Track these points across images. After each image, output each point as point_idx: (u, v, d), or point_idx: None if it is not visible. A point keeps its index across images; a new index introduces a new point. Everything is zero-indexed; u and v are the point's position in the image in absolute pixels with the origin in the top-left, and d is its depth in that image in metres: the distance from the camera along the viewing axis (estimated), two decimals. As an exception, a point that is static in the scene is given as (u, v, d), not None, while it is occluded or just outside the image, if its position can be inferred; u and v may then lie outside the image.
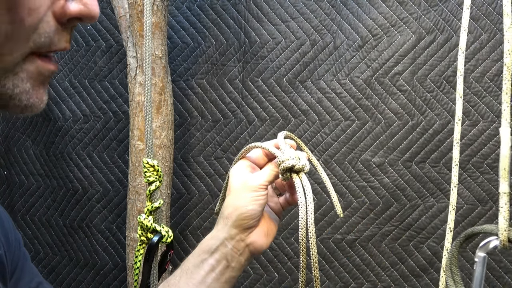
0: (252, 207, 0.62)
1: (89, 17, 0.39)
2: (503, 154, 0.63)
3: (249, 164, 0.68)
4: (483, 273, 0.67)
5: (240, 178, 0.65)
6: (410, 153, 1.23)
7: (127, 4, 1.15)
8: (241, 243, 0.63)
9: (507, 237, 0.65)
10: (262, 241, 0.65)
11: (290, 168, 0.63)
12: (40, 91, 0.39)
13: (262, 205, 0.63)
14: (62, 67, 1.41)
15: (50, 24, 0.37)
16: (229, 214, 0.63)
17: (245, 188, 0.63)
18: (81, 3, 0.38)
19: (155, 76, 1.14)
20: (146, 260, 0.65)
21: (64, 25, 0.38)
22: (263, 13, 1.29)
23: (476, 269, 0.67)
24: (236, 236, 0.63)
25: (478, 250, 0.66)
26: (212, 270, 0.63)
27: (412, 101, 1.22)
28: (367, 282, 1.27)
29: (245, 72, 1.30)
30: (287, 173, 0.64)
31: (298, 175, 0.64)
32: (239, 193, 0.64)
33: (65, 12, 0.37)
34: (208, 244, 0.64)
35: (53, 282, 1.45)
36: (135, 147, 1.16)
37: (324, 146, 1.27)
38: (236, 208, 0.63)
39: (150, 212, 0.64)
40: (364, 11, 1.24)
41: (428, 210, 1.23)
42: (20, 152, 1.47)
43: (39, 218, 1.46)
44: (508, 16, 0.62)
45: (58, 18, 0.38)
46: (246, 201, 0.63)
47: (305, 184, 0.63)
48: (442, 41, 1.21)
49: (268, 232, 0.66)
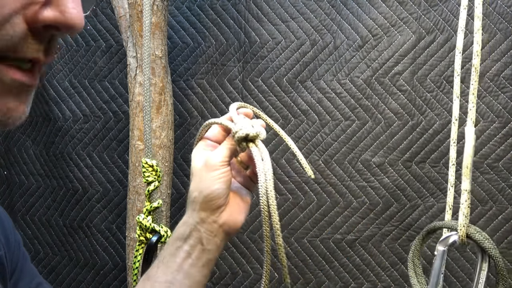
0: (216, 187, 0.60)
1: (65, 27, 0.34)
2: (467, 153, 0.64)
3: (209, 143, 0.66)
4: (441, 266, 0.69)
5: (200, 159, 0.63)
6: (410, 153, 1.23)
7: (127, 4, 1.15)
8: (214, 225, 0.62)
9: (465, 233, 0.66)
10: (235, 219, 0.63)
11: (245, 138, 0.61)
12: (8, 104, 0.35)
13: (226, 183, 0.61)
14: (62, 67, 1.41)
15: (16, 28, 0.33)
16: (195, 198, 0.62)
17: (206, 169, 0.61)
18: (57, 10, 0.34)
19: (155, 76, 1.14)
20: (145, 260, 0.66)
21: (38, 33, 0.34)
22: (263, 13, 1.29)
23: (435, 262, 0.69)
24: (208, 219, 0.62)
25: (438, 244, 0.68)
26: (188, 256, 0.62)
27: (412, 101, 1.22)
28: (367, 282, 1.26)
29: (245, 72, 1.30)
30: (242, 143, 0.62)
31: (255, 143, 0.62)
32: (201, 175, 0.62)
33: (38, 18, 0.33)
34: (181, 231, 0.63)
35: (53, 282, 1.45)
36: (135, 147, 1.16)
37: (324, 146, 1.27)
38: (201, 191, 0.61)
39: (149, 212, 0.64)
40: (364, 11, 1.23)
41: (428, 210, 1.23)
42: (20, 152, 1.47)
43: (39, 218, 1.46)
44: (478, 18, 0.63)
45: (30, 23, 0.33)
46: (209, 181, 0.61)
47: (262, 151, 0.61)
48: (442, 41, 1.20)
49: (240, 209, 0.64)
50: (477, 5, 0.63)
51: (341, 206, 1.26)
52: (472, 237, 0.66)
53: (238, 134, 0.61)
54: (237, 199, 0.65)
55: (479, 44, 0.63)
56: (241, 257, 1.33)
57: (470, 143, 0.64)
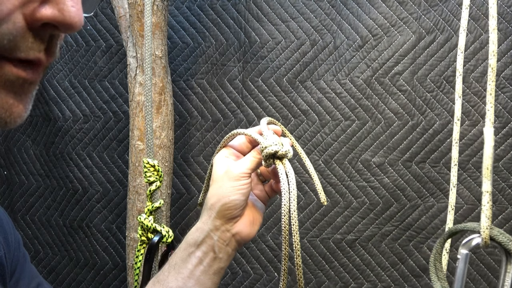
0: (235, 197, 0.61)
1: (64, 25, 0.34)
2: (487, 154, 0.64)
3: (232, 152, 0.66)
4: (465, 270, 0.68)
5: (223, 166, 0.63)
6: (410, 153, 1.23)
7: (127, 4, 1.15)
8: (227, 234, 0.62)
9: (488, 235, 0.65)
10: (248, 230, 0.64)
11: (273, 154, 0.62)
12: (7, 101, 0.34)
13: (245, 194, 0.62)
14: (62, 67, 1.41)
15: (16, 25, 0.32)
16: (212, 205, 0.62)
17: (228, 177, 0.62)
18: (56, 8, 0.33)
19: (155, 76, 1.14)
20: (147, 260, 0.66)
21: (37, 32, 0.34)
22: (263, 13, 1.29)
23: (459, 266, 0.68)
24: (222, 227, 0.62)
25: (460, 247, 0.67)
26: (200, 262, 0.62)
27: (412, 101, 1.22)
28: (367, 282, 1.27)
29: (245, 72, 1.30)
30: (270, 160, 0.62)
31: (281, 162, 0.62)
32: (222, 183, 0.62)
33: (36, 16, 0.33)
34: (194, 237, 0.63)
35: (53, 282, 1.45)
36: (135, 147, 1.16)
37: (324, 146, 1.27)
38: (219, 199, 0.61)
39: (151, 212, 0.64)
40: (364, 11, 1.24)
41: (428, 210, 1.23)
42: (20, 152, 1.47)
43: (39, 218, 1.46)
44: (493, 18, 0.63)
45: (29, 22, 0.33)
46: (229, 190, 0.61)
47: (288, 171, 0.61)
48: (442, 41, 1.21)
49: (254, 220, 0.65)
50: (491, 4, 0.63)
51: (341, 206, 1.27)
52: (496, 239, 0.65)
53: (268, 150, 0.61)
54: (252, 210, 0.65)
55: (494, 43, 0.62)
56: (241, 257, 1.33)
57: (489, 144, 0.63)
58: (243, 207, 0.63)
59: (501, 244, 0.64)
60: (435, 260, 0.73)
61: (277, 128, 0.67)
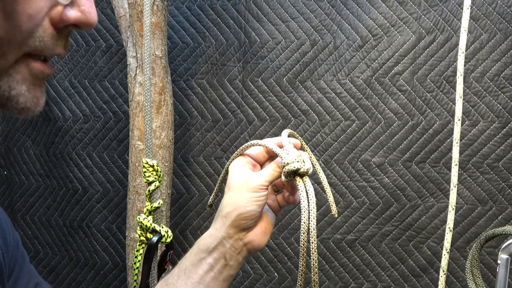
0: (251, 208, 0.61)
1: (86, 25, 0.39)
2: None
3: (249, 160, 0.67)
4: (506, 275, 0.65)
5: (241, 175, 0.64)
6: (410, 153, 1.23)
7: (127, 4, 1.15)
8: (239, 242, 0.63)
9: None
10: (259, 239, 0.64)
11: (295, 172, 0.62)
12: (36, 94, 0.39)
13: (261, 206, 0.62)
14: (62, 67, 1.41)
15: (46, 29, 0.37)
16: (228, 214, 0.62)
17: (246, 187, 0.62)
18: (79, 11, 0.38)
19: (155, 76, 1.14)
20: (146, 260, 0.66)
21: (60, 31, 0.38)
22: (263, 13, 1.29)
23: (499, 271, 0.65)
24: (235, 236, 0.62)
25: (500, 252, 0.65)
26: (211, 269, 0.63)
27: (412, 101, 1.22)
28: (367, 282, 1.26)
29: (245, 72, 1.30)
30: (290, 176, 0.62)
31: (302, 179, 0.62)
32: (239, 192, 0.62)
33: (63, 19, 0.37)
34: (206, 243, 0.64)
35: (53, 282, 1.45)
36: (135, 147, 1.16)
37: (324, 146, 1.27)
38: (236, 208, 0.62)
39: (150, 212, 0.64)
40: (364, 11, 1.23)
41: (428, 210, 1.23)
42: (20, 152, 1.47)
43: (39, 218, 1.46)
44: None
45: (55, 24, 0.37)
46: (246, 201, 0.61)
47: (309, 188, 0.61)
48: (442, 41, 1.20)
49: (266, 230, 0.65)
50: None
51: (341, 206, 1.26)
52: None
53: (290, 166, 0.61)
54: (264, 220, 0.66)
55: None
56: (241, 257, 1.33)
57: None
58: (258, 218, 0.63)
59: None
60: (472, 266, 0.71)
61: (297, 142, 0.67)
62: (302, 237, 0.59)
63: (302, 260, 0.60)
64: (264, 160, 0.68)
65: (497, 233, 0.68)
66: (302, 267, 0.60)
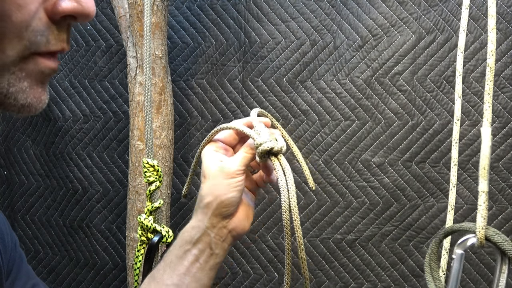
0: (232, 195, 0.60)
1: (83, 15, 0.38)
2: (484, 154, 0.63)
3: (221, 145, 0.65)
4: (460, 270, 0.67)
5: (215, 161, 0.62)
6: (410, 153, 1.23)
7: (127, 4, 1.15)
8: (224, 230, 0.62)
9: (484, 235, 0.65)
10: (243, 224, 0.64)
11: (268, 151, 0.60)
12: (38, 90, 0.39)
13: (241, 191, 0.61)
14: (62, 67, 1.41)
15: (42, 21, 0.36)
16: (208, 203, 0.61)
17: (222, 174, 0.61)
18: (74, 1, 0.37)
19: (155, 76, 1.14)
20: (147, 260, 0.66)
21: (58, 24, 0.37)
22: (263, 13, 1.29)
23: (454, 266, 0.68)
24: (218, 224, 0.62)
25: (456, 247, 0.67)
26: (196, 260, 0.62)
27: (412, 101, 1.22)
28: (367, 282, 1.27)
29: (245, 72, 1.30)
30: (264, 156, 0.61)
31: (277, 158, 0.61)
32: (217, 180, 0.61)
33: (57, 9, 0.36)
34: (190, 235, 0.63)
35: (53, 282, 1.45)
36: (135, 147, 1.16)
37: (324, 146, 1.27)
38: (216, 197, 0.61)
39: (151, 212, 0.64)
40: (364, 11, 1.24)
41: (428, 210, 1.23)
42: (20, 152, 1.47)
43: (39, 218, 1.46)
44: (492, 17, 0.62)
45: (51, 15, 0.36)
46: (225, 188, 0.60)
47: (285, 166, 0.60)
48: (442, 41, 1.21)
49: (247, 214, 0.65)
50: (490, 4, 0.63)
51: (341, 206, 1.27)
52: (491, 239, 0.65)
53: (263, 146, 0.60)
54: (244, 204, 0.65)
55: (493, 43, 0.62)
56: (241, 257, 1.33)
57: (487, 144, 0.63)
58: (239, 203, 0.63)
59: (496, 245, 0.64)
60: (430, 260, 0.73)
61: (267, 120, 0.66)
62: (284, 217, 0.58)
63: (287, 240, 0.59)
64: (236, 143, 0.66)
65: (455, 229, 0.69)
66: (288, 246, 0.59)
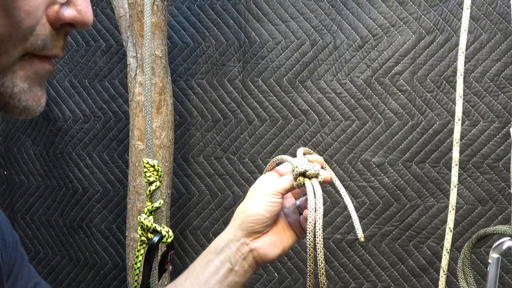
0: (259, 211, 0.62)
1: (82, 24, 0.39)
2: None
3: (277, 175, 0.67)
4: (497, 274, 0.66)
5: (259, 181, 0.66)
6: (410, 153, 1.23)
7: (127, 4, 1.15)
8: (245, 247, 0.62)
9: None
10: (267, 249, 0.63)
11: (303, 173, 0.63)
12: (37, 93, 0.40)
13: (271, 212, 0.62)
14: (62, 67, 1.41)
15: (45, 27, 0.38)
16: (237, 215, 0.63)
17: (259, 191, 0.63)
18: (75, 10, 0.39)
19: (155, 76, 1.14)
20: (147, 260, 0.66)
21: (57, 30, 0.39)
22: (263, 13, 1.29)
23: (490, 270, 0.66)
24: (241, 239, 0.62)
25: (491, 251, 0.65)
26: (216, 271, 0.63)
27: (412, 101, 1.22)
28: (367, 282, 1.27)
29: (245, 72, 1.30)
30: (300, 178, 0.63)
31: (311, 180, 0.63)
32: (253, 195, 0.64)
33: (59, 17, 0.38)
34: (215, 245, 0.64)
35: (53, 282, 1.45)
36: (135, 147, 1.16)
37: (324, 146, 1.27)
38: (244, 210, 0.63)
39: (151, 212, 0.64)
40: (364, 11, 1.24)
41: (428, 210, 1.23)
42: (20, 152, 1.47)
43: (39, 218, 1.46)
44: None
45: (52, 22, 0.38)
46: (255, 204, 0.62)
47: (316, 190, 0.62)
48: (442, 41, 1.21)
49: (277, 243, 0.65)
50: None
51: (341, 206, 1.27)
52: None
53: (298, 169, 0.62)
54: (278, 234, 0.65)
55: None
56: (241, 257, 1.33)
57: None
58: (267, 225, 0.63)
59: None
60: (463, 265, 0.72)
61: (318, 159, 0.68)
62: (308, 238, 0.59)
63: (309, 261, 0.59)
64: None
65: (488, 233, 0.68)
66: (310, 269, 0.60)
